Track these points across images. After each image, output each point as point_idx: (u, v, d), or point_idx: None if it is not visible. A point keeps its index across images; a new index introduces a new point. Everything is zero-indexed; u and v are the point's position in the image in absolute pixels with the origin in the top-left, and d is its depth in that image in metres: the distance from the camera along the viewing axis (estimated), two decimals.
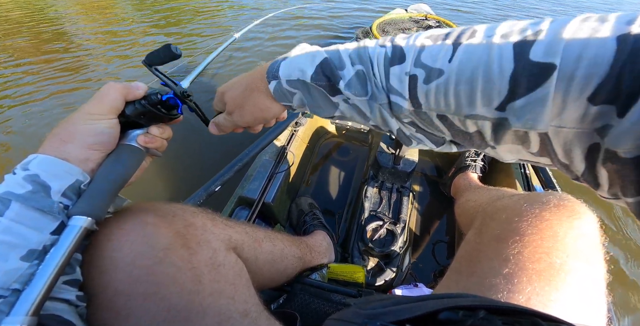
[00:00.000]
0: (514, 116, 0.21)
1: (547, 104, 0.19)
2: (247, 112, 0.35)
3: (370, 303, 0.29)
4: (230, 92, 0.36)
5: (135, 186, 0.36)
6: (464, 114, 0.23)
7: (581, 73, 0.18)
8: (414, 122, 0.28)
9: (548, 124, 0.20)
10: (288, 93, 0.32)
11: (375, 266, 0.76)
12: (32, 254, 0.25)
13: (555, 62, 0.19)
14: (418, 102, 0.25)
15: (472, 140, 0.26)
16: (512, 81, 0.20)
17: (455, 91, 0.23)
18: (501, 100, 0.21)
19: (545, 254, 0.36)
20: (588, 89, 0.18)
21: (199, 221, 0.37)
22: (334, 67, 0.28)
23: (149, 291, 0.29)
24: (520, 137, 0.23)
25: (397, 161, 0.86)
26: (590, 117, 0.19)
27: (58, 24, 2.73)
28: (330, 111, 0.31)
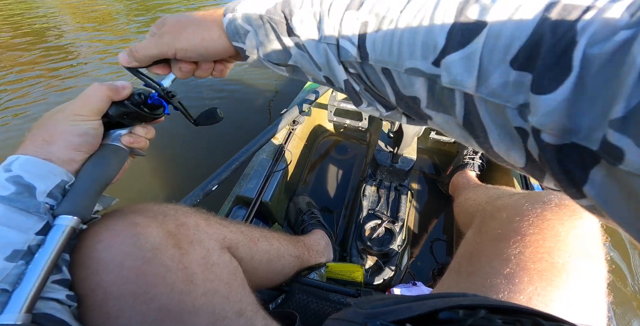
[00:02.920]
0: (445, 71, 0.21)
1: (474, 60, 0.20)
2: (184, 36, 0.30)
3: (370, 302, 0.29)
4: (176, 16, 0.31)
5: (131, 186, 0.36)
6: (404, 67, 0.23)
7: (507, 33, 0.18)
8: (360, 76, 0.27)
9: (475, 84, 0.20)
10: (241, 29, 0.29)
11: (373, 265, 0.76)
12: (16, 254, 0.25)
13: (487, 20, 0.19)
14: (365, 51, 0.25)
15: (411, 107, 0.26)
16: (448, 34, 0.21)
17: (399, 40, 0.23)
18: (437, 53, 0.21)
19: (547, 254, 0.36)
20: (511, 51, 0.18)
21: (192, 220, 0.37)
22: (293, 5, 0.28)
23: (138, 292, 0.28)
24: (447, 100, 0.23)
25: (396, 160, 0.86)
26: (511, 86, 0.19)
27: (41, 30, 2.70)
28: (283, 56, 0.30)
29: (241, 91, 1.69)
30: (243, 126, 1.44)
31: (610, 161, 0.15)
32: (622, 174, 0.14)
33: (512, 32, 0.18)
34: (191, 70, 0.34)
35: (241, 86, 1.73)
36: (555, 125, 0.17)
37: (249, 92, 1.68)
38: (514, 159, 0.22)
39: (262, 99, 1.64)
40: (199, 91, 1.68)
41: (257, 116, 1.52)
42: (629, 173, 0.14)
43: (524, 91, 0.18)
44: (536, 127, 0.18)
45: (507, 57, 0.18)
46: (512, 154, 0.21)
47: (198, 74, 0.35)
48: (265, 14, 0.28)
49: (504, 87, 0.19)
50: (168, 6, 3.12)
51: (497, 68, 0.19)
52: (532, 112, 0.18)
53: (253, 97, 1.65)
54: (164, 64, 0.34)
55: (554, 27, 0.17)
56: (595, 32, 0.16)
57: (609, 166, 0.15)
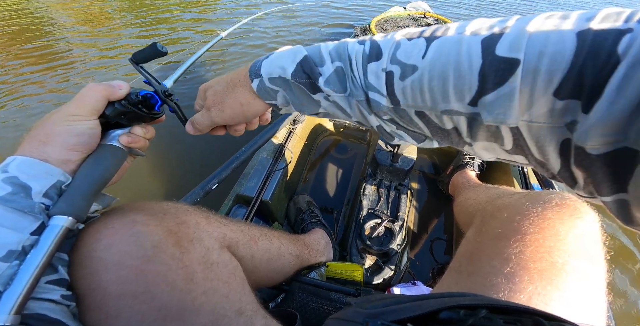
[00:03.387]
0: (485, 111, 0.21)
1: (514, 98, 0.20)
2: (227, 106, 0.34)
3: (371, 302, 0.29)
4: (213, 88, 0.35)
5: (131, 185, 0.36)
6: (439, 110, 0.24)
7: (544, 68, 0.19)
8: (393, 119, 0.28)
9: (518, 118, 0.20)
10: (271, 91, 0.31)
11: (373, 264, 0.76)
12: (11, 254, 0.24)
13: (519, 57, 0.19)
14: (396, 98, 0.26)
15: (450, 137, 0.26)
16: (481, 76, 0.21)
17: (429, 87, 0.23)
18: (472, 95, 0.21)
19: (547, 253, 0.36)
20: (552, 84, 0.18)
21: (192, 219, 0.36)
22: (314, 65, 0.28)
23: (138, 291, 0.28)
24: (493, 133, 0.23)
25: (396, 159, 0.86)
26: (558, 112, 0.19)
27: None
28: (313, 108, 0.31)
29: None
30: None
31: None
32: None
33: (549, 66, 0.18)
34: (243, 128, 0.39)
35: None
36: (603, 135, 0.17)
37: None
38: (551, 166, 0.22)
39: None
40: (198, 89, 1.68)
41: None
42: None
43: (572, 114, 0.19)
44: (580, 143, 0.19)
45: (549, 90, 0.19)
46: (549, 162, 0.22)
47: (249, 128, 0.39)
48: (290, 79, 0.29)
49: (549, 114, 0.19)
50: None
51: (540, 100, 0.19)
52: (578, 128, 0.18)
53: None
54: (220, 127, 0.38)
55: (594, 56, 0.17)
56: (638, 54, 0.16)
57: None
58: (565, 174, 0.22)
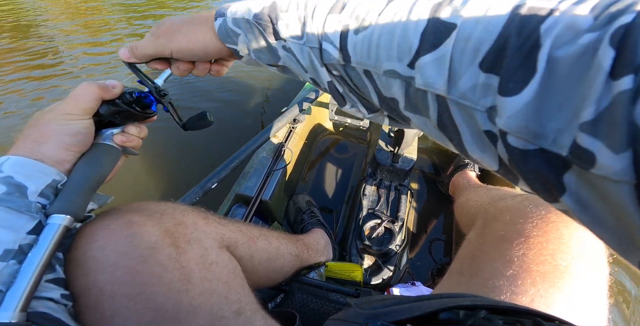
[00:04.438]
0: (419, 73, 0.21)
1: (445, 61, 0.20)
2: (178, 38, 0.32)
3: (371, 302, 0.29)
4: (172, 19, 0.33)
5: (129, 186, 0.36)
6: (382, 69, 0.24)
7: (476, 35, 0.19)
8: (343, 78, 0.28)
9: (445, 86, 0.20)
10: (232, 33, 0.30)
11: (372, 264, 0.76)
12: (7, 254, 0.24)
13: (457, 22, 0.19)
14: (347, 54, 0.26)
15: (392, 108, 0.27)
16: (422, 36, 0.21)
17: (377, 43, 0.23)
18: (412, 55, 0.22)
19: (550, 256, 0.36)
20: (480, 53, 0.18)
21: (190, 219, 0.36)
22: (279, 10, 0.28)
23: (133, 292, 0.28)
24: (421, 102, 0.23)
25: (396, 159, 0.86)
26: (480, 88, 0.19)
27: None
28: (272, 57, 0.31)
29: (241, 89, 1.69)
30: (243, 123, 1.44)
31: (582, 166, 0.14)
32: (595, 178, 0.14)
33: (481, 34, 0.18)
34: (188, 69, 0.36)
35: (241, 84, 1.72)
36: (521, 128, 0.17)
37: (249, 90, 1.68)
38: (487, 163, 0.22)
39: (264, 96, 1.64)
40: (197, 88, 1.68)
41: (258, 114, 1.52)
42: (601, 177, 0.14)
43: (491, 93, 0.18)
44: (503, 130, 0.18)
45: (476, 59, 0.19)
46: (485, 158, 0.21)
47: (195, 73, 0.36)
48: (252, 18, 0.29)
49: (473, 89, 0.19)
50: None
51: (467, 70, 0.19)
52: (499, 115, 0.18)
53: (253, 96, 1.64)
54: (162, 61, 0.36)
55: (520, 29, 0.17)
56: (559, 35, 0.16)
57: (582, 170, 0.15)
58: (505, 170, 0.21)
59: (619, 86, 0.13)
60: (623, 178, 0.13)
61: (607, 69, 0.13)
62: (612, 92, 0.13)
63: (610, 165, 0.13)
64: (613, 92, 0.13)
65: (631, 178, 0.13)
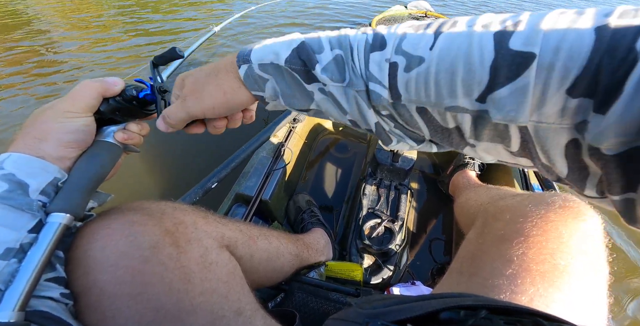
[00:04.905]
0: (494, 108, 0.20)
1: (527, 94, 0.19)
2: (207, 95, 0.30)
3: (371, 302, 0.29)
4: (193, 76, 0.31)
5: (128, 185, 0.35)
6: (444, 106, 0.23)
7: (560, 64, 0.18)
8: (392, 116, 0.26)
9: (528, 116, 0.20)
10: (259, 79, 0.28)
11: (372, 264, 0.76)
12: (9, 252, 0.24)
13: (535, 51, 0.18)
14: (397, 92, 0.24)
15: (451, 138, 0.25)
16: (492, 70, 0.20)
17: (435, 80, 0.22)
18: (482, 90, 0.20)
19: (549, 255, 0.36)
20: (567, 81, 0.18)
21: (190, 219, 0.36)
22: (311, 51, 0.26)
23: (134, 292, 0.28)
24: (500, 133, 0.22)
25: (396, 159, 0.86)
26: (570, 112, 0.18)
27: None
28: (305, 102, 0.28)
29: None
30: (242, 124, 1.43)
31: None
32: None
33: (565, 61, 0.18)
34: (224, 124, 0.34)
35: None
36: (619, 135, 0.17)
37: None
38: (558, 170, 0.21)
39: None
40: None
41: (258, 114, 1.51)
42: None
43: (584, 113, 0.18)
44: (594, 145, 0.18)
45: (562, 87, 0.18)
46: (556, 166, 0.21)
47: (231, 126, 0.35)
48: (284, 64, 0.27)
49: (559, 113, 0.19)
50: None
51: (552, 98, 0.18)
52: (590, 129, 0.18)
53: None
54: (198, 123, 0.35)
55: (611, 53, 0.17)
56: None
57: None
58: (573, 177, 0.21)
59: None
60: None
61: None
62: None
63: None
64: None
65: None
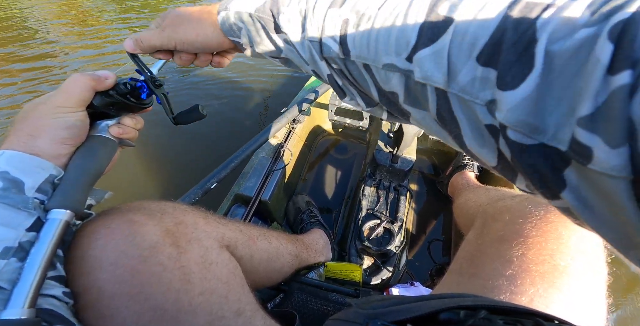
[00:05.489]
0: (417, 67, 0.22)
1: (443, 56, 0.20)
2: (183, 30, 0.33)
3: (371, 302, 0.29)
4: (178, 11, 0.34)
5: (128, 185, 0.35)
6: (381, 63, 0.24)
7: (472, 30, 0.19)
8: (342, 72, 0.28)
9: (445, 80, 0.20)
10: (235, 26, 0.31)
11: (372, 264, 0.76)
12: (7, 251, 0.24)
13: (454, 16, 0.20)
14: (347, 48, 0.26)
15: (391, 103, 0.27)
16: (419, 31, 0.21)
17: (376, 37, 0.24)
18: (409, 50, 0.22)
19: (549, 256, 0.36)
20: (476, 47, 0.19)
21: (190, 219, 0.36)
22: (281, 4, 0.29)
23: (133, 291, 0.28)
24: (421, 95, 0.23)
25: (395, 160, 0.86)
26: (479, 83, 0.19)
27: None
28: (274, 50, 0.31)
29: (241, 90, 1.68)
30: (242, 123, 1.43)
31: (580, 161, 0.14)
32: (593, 174, 0.14)
33: (477, 29, 0.19)
34: (190, 59, 0.36)
35: (241, 85, 1.72)
36: (520, 122, 0.17)
37: (249, 91, 1.68)
38: (486, 158, 0.22)
39: (264, 97, 1.63)
40: (198, 87, 1.68)
41: (258, 114, 1.51)
42: (598, 172, 0.14)
43: (490, 86, 0.18)
44: (503, 124, 0.18)
45: (473, 53, 0.19)
46: (484, 153, 0.21)
47: (197, 64, 0.37)
48: (254, 12, 0.29)
49: (472, 83, 0.19)
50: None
51: (465, 64, 0.19)
52: (499, 109, 0.18)
53: (253, 96, 1.64)
54: (166, 51, 0.36)
55: (516, 25, 0.17)
56: (555, 30, 0.16)
57: (580, 166, 0.15)
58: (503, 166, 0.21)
59: (616, 81, 0.13)
60: (620, 173, 0.13)
61: (605, 63, 0.13)
62: (610, 87, 0.13)
63: (607, 160, 0.13)
64: (610, 87, 0.13)
65: (628, 173, 0.13)
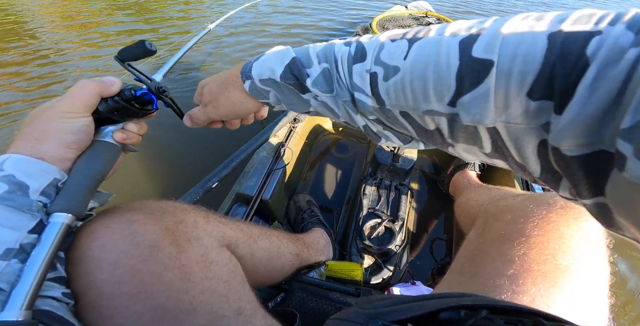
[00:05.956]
0: (463, 111, 0.22)
1: (489, 98, 0.20)
2: (221, 105, 0.35)
3: (372, 302, 0.29)
4: (209, 85, 0.36)
5: (129, 185, 0.35)
6: (421, 110, 0.24)
7: (517, 69, 0.19)
8: (379, 119, 0.29)
9: (495, 119, 0.21)
10: (263, 91, 0.33)
11: (373, 264, 0.76)
12: (9, 253, 0.24)
13: (493, 58, 0.20)
14: (381, 99, 0.26)
15: (434, 138, 0.27)
16: (458, 76, 0.21)
17: (410, 87, 0.24)
18: (451, 95, 0.22)
19: (551, 256, 0.36)
20: (525, 85, 0.19)
21: (190, 218, 0.36)
22: (302, 66, 0.29)
23: (133, 291, 0.28)
24: (472, 134, 0.23)
25: (396, 159, 0.86)
26: (533, 113, 0.19)
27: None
28: (304, 107, 0.32)
29: None
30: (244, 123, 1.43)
31: (619, 167, 0.16)
32: (625, 181, 0.15)
33: (521, 67, 0.19)
34: (238, 122, 0.40)
35: None
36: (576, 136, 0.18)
37: None
38: (531, 169, 0.22)
39: None
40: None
41: None
42: (628, 180, 0.15)
43: (547, 115, 0.19)
44: (555, 146, 0.19)
45: (522, 91, 0.19)
46: (529, 165, 0.22)
47: (245, 123, 0.41)
48: (279, 80, 0.30)
49: (525, 115, 0.20)
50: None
51: (515, 101, 0.20)
52: (552, 130, 0.19)
53: None
54: (217, 122, 0.40)
55: (564, 57, 0.18)
56: (607, 55, 0.16)
57: (618, 172, 0.16)
58: (547, 177, 0.22)
59: None
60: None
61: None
62: None
63: (635, 169, 0.14)
64: None
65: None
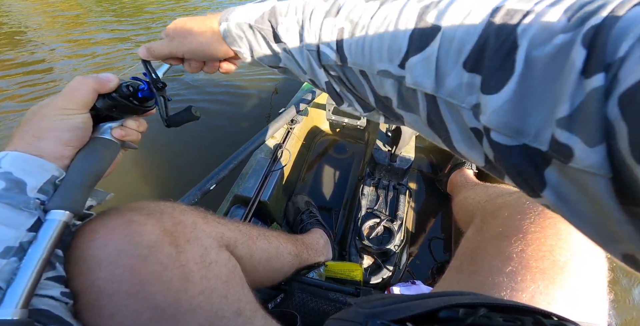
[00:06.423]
0: (409, 73, 0.23)
1: (432, 62, 0.21)
2: (189, 41, 0.35)
3: (371, 301, 0.29)
4: (183, 22, 0.35)
5: (127, 187, 0.35)
6: (376, 70, 0.25)
7: (458, 36, 0.20)
8: (340, 78, 0.29)
9: (434, 86, 0.21)
10: (236, 36, 0.33)
11: (372, 263, 0.76)
12: (9, 251, 0.24)
13: (441, 25, 0.21)
14: (344, 55, 0.27)
15: (386, 107, 0.28)
16: (410, 38, 0.22)
17: (370, 45, 0.25)
18: (401, 57, 0.23)
19: (548, 252, 0.36)
20: (463, 53, 0.19)
21: (189, 218, 0.36)
22: (278, 14, 0.30)
23: (132, 290, 0.28)
24: (412, 99, 0.24)
25: (394, 158, 0.86)
26: (465, 88, 0.20)
27: None
28: (274, 60, 0.33)
29: (241, 92, 1.68)
30: (240, 125, 1.43)
31: (561, 160, 0.15)
32: (574, 172, 0.15)
33: (463, 35, 0.20)
34: (199, 66, 0.38)
35: (241, 87, 1.72)
36: (503, 123, 0.18)
37: (249, 93, 1.68)
38: (474, 159, 0.22)
39: (262, 98, 1.63)
40: (199, 86, 1.68)
41: (256, 115, 1.51)
42: (579, 170, 0.14)
43: (475, 91, 0.19)
44: (486, 126, 0.19)
45: (460, 59, 0.20)
46: (472, 154, 0.22)
47: (205, 70, 0.39)
48: (254, 24, 0.31)
49: (459, 88, 0.20)
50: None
51: (452, 70, 0.20)
52: (482, 112, 0.19)
53: (253, 98, 1.64)
54: (175, 59, 0.38)
55: (498, 31, 0.18)
56: (535, 36, 0.16)
57: (561, 165, 0.15)
58: (489, 167, 0.22)
59: (591, 84, 0.13)
60: (599, 171, 0.14)
61: (579, 67, 0.14)
62: (585, 90, 0.14)
63: (586, 158, 0.14)
64: (586, 90, 0.14)
65: (607, 171, 0.13)
